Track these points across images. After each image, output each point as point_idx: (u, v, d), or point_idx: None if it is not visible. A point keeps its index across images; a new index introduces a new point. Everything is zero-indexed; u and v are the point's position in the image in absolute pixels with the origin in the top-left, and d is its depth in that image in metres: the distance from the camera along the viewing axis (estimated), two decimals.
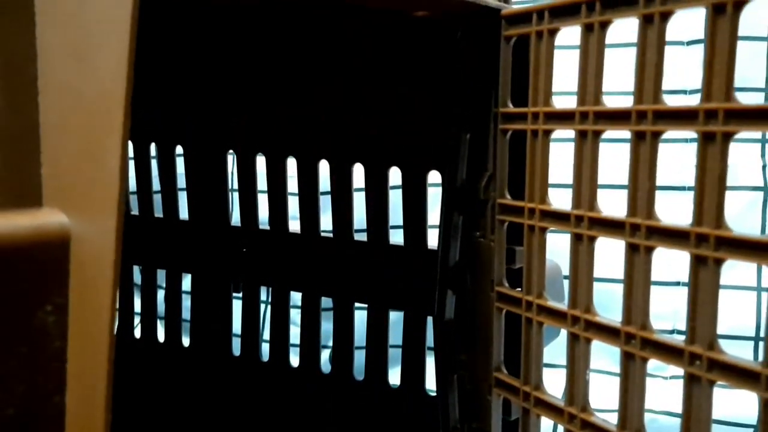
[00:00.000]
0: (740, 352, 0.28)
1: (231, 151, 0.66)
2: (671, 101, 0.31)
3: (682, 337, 0.30)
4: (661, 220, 0.31)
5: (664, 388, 0.67)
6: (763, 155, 0.66)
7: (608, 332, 0.34)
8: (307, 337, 0.62)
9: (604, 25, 0.34)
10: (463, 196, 0.43)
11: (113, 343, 0.21)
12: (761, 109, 0.27)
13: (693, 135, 0.30)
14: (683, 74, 0.65)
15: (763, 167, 0.66)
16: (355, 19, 0.50)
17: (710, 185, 0.29)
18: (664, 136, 0.31)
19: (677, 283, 0.67)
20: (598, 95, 0.34)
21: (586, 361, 0.36)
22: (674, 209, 0.35)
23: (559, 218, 0.36)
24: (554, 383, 0.40)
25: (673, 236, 0.31)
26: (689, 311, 0.29)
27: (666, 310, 0.68)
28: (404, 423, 0.57)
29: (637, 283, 0.33)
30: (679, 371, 0.30)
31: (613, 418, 0.34)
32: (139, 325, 0.75)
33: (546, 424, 0.40)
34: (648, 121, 0.31)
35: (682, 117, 0.30)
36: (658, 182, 0.31)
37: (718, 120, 0.28)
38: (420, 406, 0.55)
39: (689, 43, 0.68)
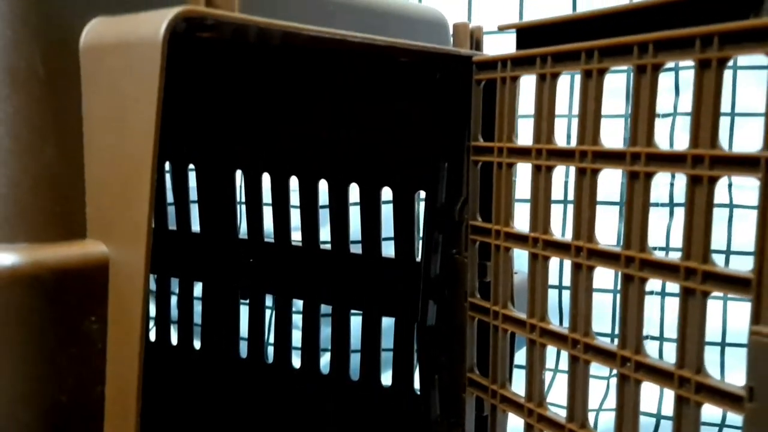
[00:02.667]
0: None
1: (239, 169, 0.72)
2: (606, 143, 0.37)
3: (616, 342, 0.36)
4: (599, 243, 0.37)
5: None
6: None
7: (558, 338, 0.40)
8: (308, 341, 0.68)
9: (555, 76, 0.39)
10: (443, 217, 0.49)
11: (143, 346, 0.27)
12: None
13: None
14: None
15: (729, 185, 0.72)
16: (350, 60, 0.56)
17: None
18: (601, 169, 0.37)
19: (650, 293, 0.73)
20: (549, 135, 0.40)
21: (541, 364, 0.41)
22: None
23: (520, 239, 0.42)
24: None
25: (606, 257, 0.36)
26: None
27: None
28: (395, 419, 0.62)
29: (581, 295, 0.38)
30: None
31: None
32: (154, 329, 0.81)
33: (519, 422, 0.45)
34: (588, 159, 0.37)
35: (614, 158, 0.36)
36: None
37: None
38: (409, 403, 0.61)
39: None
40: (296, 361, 0.69)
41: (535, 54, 0.40)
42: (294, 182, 0.67)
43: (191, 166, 0.75)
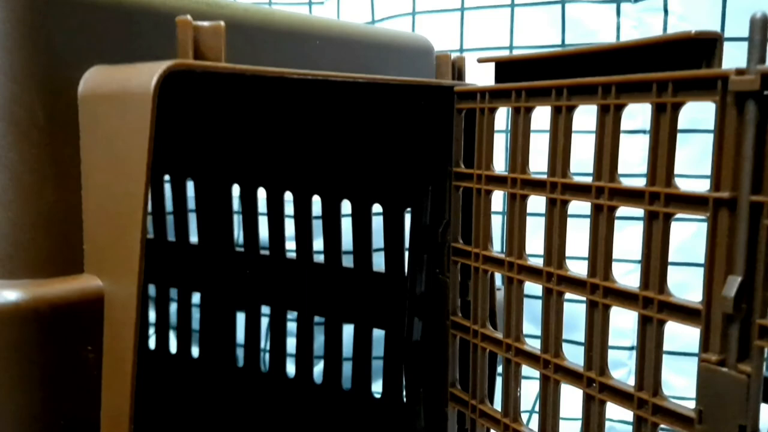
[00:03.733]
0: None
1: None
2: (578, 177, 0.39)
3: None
4: (569, 270, 0.39)
5: None
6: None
7: (532, 358, 0.42)
8: (302, 351, 0.70)
9: (528, 110, 0.42)
10: (427, 238, 0.51)
11: (135, 373, 0.29)
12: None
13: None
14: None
15: None
16: (340, 88, 0.58)
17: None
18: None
19: None
20: (524, 165, 0.42)
21: (516, 381, 0.44)
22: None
23: (497, 263, 0.44)
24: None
25: (575, 283, 0.39)
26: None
27: (627, 326, 0.75)
28: (384, 429, 0.64)
29: (551, 318, 0.40)
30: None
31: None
32: (154, 336, 0.83)
33: None
34: (558, 190, 0.39)
35: (581, 190, 0.38)
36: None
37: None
38: (398, 414, 0.63)
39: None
40: (291, 368, 0.71)
41: (511, 88, 0.42)
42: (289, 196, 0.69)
43: (189, 179, 0.77)
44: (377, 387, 0.66)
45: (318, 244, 0.69)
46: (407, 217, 0.61)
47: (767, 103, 0.30)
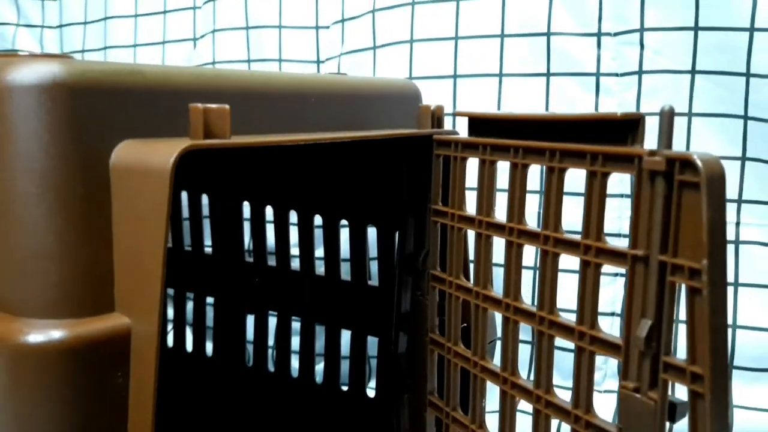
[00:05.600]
0: None
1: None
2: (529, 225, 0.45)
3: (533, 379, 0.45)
4: (523, 303, 0.46)
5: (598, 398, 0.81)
6: None
7: (492, 374, 0.49)
8: (304, 354, 0.77)
9: (492, 163, 0.48)
10: (410, 264, 0.58)
11: (156, 394, 0.36)
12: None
13: None
14: None
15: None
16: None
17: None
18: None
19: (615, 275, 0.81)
20: (489, 210, 0.49)
21: (482, 393, 0.50)
22: None
23: (466, 291, 0.51)
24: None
25: (526, 314, 0.45)
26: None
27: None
28: (376, 427, 0.71)
29: (509, 344, 0.47)
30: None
31: None
32: (172, 333, 0.91)
33: None
34: (515, 234, 0.46)
35: (532, 236, 0.45)
36: None
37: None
38: (389, 415, 0.70)
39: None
40: (295, 363, 0.79)
41: (478, 142, 0.49)
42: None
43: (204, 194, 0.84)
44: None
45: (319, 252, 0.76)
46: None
47: (673, 180, 0.36)
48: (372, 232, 0.70)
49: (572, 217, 0.46)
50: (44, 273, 0.36)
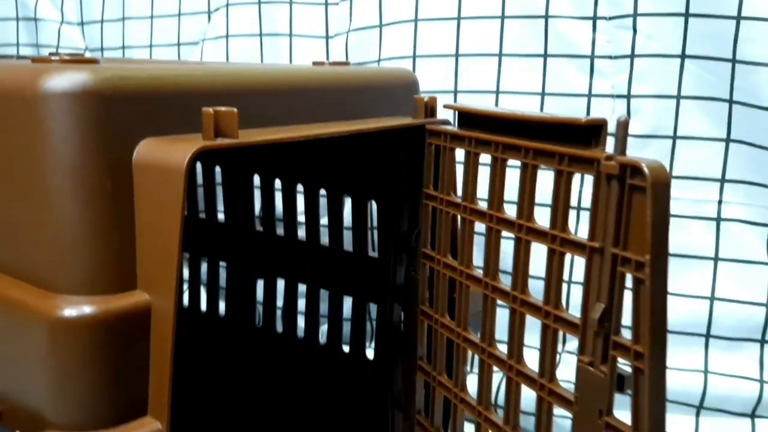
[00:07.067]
0: None
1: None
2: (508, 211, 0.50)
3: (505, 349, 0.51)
4: (501, 282, 0.51)
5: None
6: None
7: (473, 345, 0.54)
8: (310, 318, 0.83)
9: (476, 155, 0.53)
10: (405, 241, 0.64)
11: (173, 357, 0.42)
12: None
13: None
14: None
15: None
16: None
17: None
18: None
19: None
20: (472, 197, 0.54)
21: (464, 360, 0.56)
22: None
23: (452, 269, 0.57)
24: None
25: (503, 293, 0.51)
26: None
27: None
28: (374, 387, 0.78)
29: (488, 319, 0.53)
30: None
31: None
32: (187, 294, 0.97)
33: None
34: (494, 221, 0.51)
35: (508, 224, 0.50)
36: None
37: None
38: (385, 376, 0.76)
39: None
40: (301, 327, 0.85)
41: (465, 135, 0.54)
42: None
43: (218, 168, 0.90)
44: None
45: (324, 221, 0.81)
46: None
47: (625, 183, 0.41)
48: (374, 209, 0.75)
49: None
50: (77, 256, 0.42)
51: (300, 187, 0.82)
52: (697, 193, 0.85)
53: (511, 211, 0.50)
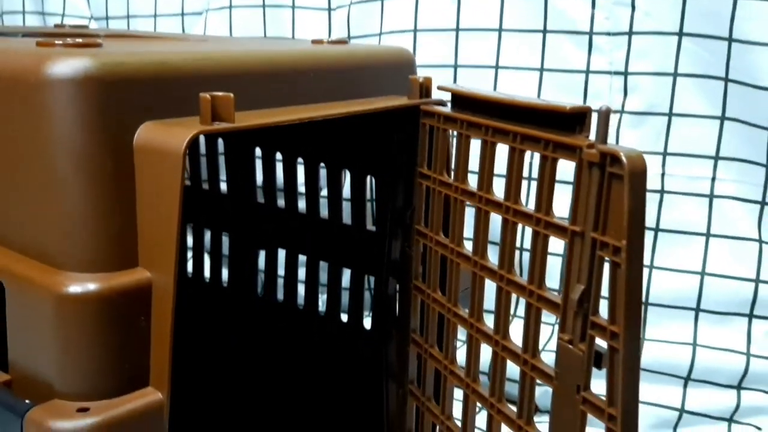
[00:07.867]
0: None
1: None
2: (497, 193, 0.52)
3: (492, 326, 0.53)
4: (489, 261, 0.53)
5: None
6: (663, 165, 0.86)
7: (462, 320, 0.57)
8: (309, 288, 0.85)
9: (468, 137, 0.55)
10: (400, 218, 0.65)
11: (172, 333, 0.44)
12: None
13: None
14: None
15: (662, 174, 0.86)
16: None
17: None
18: None
19: None
20: (464, 178, 0.55)
21: (454, 334, 0.58)
22: None
23: (444, 246, 0.59)
24: None
25: (490, 271, 0.53)
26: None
27: None
28: (370, 356, 0.80)
29: (476, 295, 0.55)
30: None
31: None
32: (191, 262, 0.99)
33: None
34: (483, 202, 0.53)
35: (497, 205, 0.52)
36: None
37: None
38: (381, 346, 0.78)
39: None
40: (302, 294, 0.87)
41: (457, 117, 0.55)
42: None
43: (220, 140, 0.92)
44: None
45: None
46: None
47: (605, 171, 0.42)
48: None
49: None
50: (81, 235, 0.44)
51: (301, 160, 0.84)
52: (692, 169, 0.87)
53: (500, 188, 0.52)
